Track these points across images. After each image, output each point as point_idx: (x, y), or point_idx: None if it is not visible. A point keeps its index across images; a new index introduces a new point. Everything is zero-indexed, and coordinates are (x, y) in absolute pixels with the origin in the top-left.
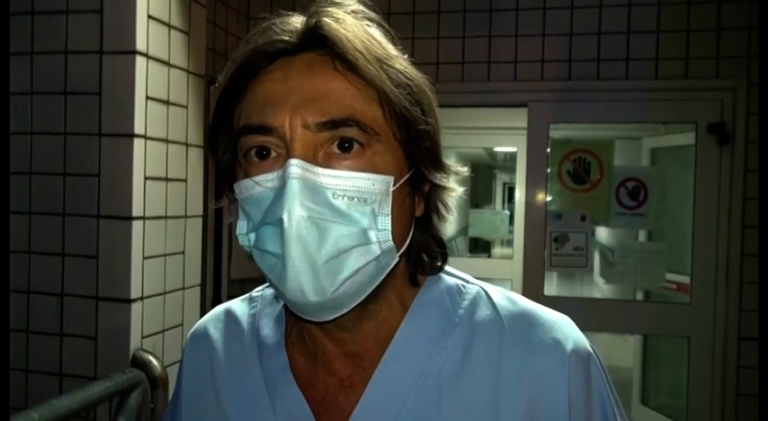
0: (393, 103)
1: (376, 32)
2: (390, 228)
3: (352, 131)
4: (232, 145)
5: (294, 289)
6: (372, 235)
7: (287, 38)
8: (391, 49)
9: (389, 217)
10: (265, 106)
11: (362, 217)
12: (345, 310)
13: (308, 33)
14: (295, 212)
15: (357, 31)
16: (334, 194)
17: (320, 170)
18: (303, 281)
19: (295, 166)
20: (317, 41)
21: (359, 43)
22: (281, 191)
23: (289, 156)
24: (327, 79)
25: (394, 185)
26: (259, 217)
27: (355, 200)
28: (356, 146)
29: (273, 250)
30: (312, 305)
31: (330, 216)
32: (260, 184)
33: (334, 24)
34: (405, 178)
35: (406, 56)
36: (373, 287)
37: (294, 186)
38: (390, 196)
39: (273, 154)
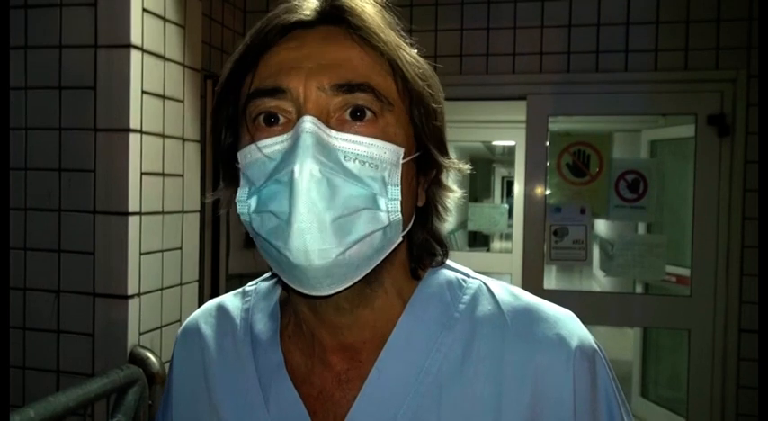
0: (406, 76)
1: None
2: (400, 199)
3: (366, 98)
4: (237, 117)
5: (298, 249)
6: (382, 202)
7: (303, 12)
8: (397, 33)
9: (399, 188)
10: (280, 71)
11: (373, 182)
12: (346, 285)
13: (325, 7)
14: (307, 164)
15: (373, 10)
16: (345, 156)
17: (333, 132)
18: (308, 240)
19: (308, 122)
20: (334, 17)
21: (377, 18)
22: (292, 146)
23: (301, 116)
24: (344, 48)
25: (404, 158)
26: (264, 177)
27: (366, 164)
28: (369, 114)
29: (278, 209)
30: (315, 269)
31: (342, 174)
32: (268, 147)
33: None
34: (413, 155)
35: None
36: (377, 262)
37: (307, 140)
38: (400, 168)
39: (283, 119)
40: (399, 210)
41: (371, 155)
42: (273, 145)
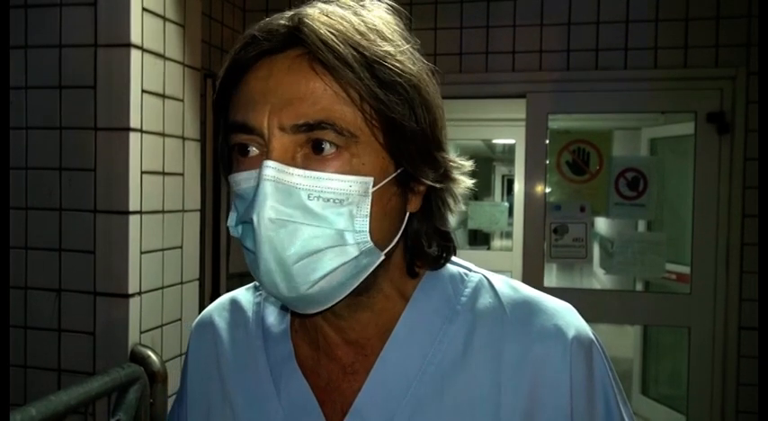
0: (373, 105)
1: (374, 24)
2: (368, 229)
3: (326, 134)
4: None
5: (269, 285)
6: (349, 236)
7: (270, 38)
8: (386, 44)
9: (368, 218)
10: (248, 105)
11: (338, 218)
12: (330, 304)
13: (288, 34)
14: (264, 214)
15: (344, 29)
16: (309, 196)
17: (295, 171)
18: (276, 279)
19: (268, 168)
20: (300, 41)
21: (341, 44)
22: (255, 192)
23: (266, 156)
24: (307, 80)
25: (375, 186)
26: (242, 211)
27: (331, 201)
28: (331, 148)
29: (250, 247)
30: (291, 300)
31: (301, 218)
32: (244, 181)
33: (316, 24)
34: (389, 178)
35: (409, 44)
36: (358, 282)
37: (266, 188)
38: (370, 197)
39: (256, 151)
40: (368, 239)
41: (335, 190)
42: (247, 180)
